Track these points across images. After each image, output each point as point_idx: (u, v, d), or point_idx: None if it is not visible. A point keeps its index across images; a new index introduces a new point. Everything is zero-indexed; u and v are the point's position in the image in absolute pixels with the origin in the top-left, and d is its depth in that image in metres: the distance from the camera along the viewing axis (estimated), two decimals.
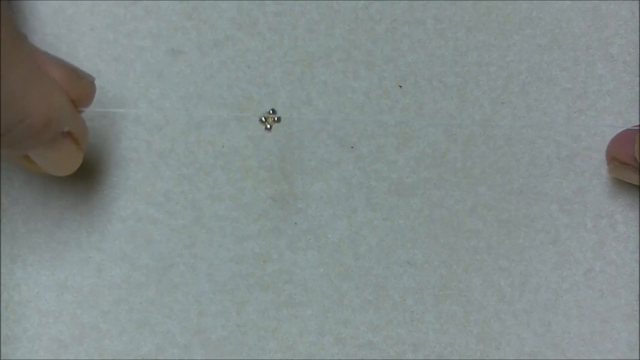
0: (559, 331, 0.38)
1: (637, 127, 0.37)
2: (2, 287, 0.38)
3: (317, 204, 0.39)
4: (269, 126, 0.36)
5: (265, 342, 0.38)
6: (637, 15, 0.40)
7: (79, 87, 0.34)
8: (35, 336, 0.38)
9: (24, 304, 0.38)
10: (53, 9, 0.40)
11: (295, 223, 0.38)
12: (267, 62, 0.39)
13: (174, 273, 0.38)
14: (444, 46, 0.40)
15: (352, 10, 0.40)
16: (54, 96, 0.32)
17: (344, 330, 0.38)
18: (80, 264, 0.38)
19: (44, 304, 0.38)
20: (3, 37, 0.30)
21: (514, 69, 0.39)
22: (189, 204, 0.38)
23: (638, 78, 0.39)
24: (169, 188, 0.38)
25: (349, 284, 0.38)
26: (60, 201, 0.38)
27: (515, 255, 0.38)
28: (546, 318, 0.38)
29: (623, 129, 0.38)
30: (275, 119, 0.36)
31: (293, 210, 0.38)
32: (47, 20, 0.40)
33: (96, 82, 0.34)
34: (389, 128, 0.39)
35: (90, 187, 0.38)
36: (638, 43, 0.40)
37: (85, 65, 0.39)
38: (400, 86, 0.39)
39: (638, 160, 0.36)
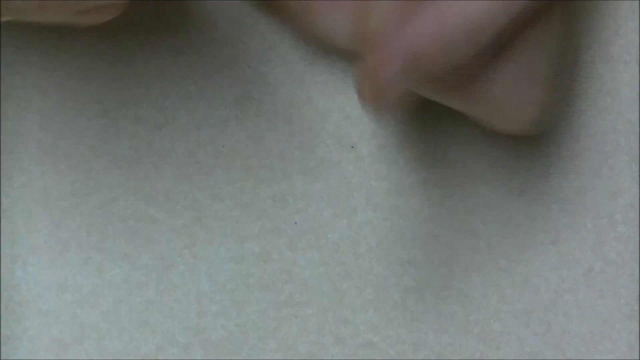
0: (559, 331, 0.38)
1: None
2: (2, 287, 0.38)
3: (317, 204, 0.38)
4: None
5: (265, 342, 0.38)
6: (637, 15, 0.40)
7: None
8: (35, 336, 0.38)
9: (24, 304, 0.38)
10: None
11: (295, 223, 0.38)
12: (267, 62, 0.39)
13: (174, 273, 0.38)
14: None
15: None
16: None
17: (344, 330, 0.38)
18: (80, 264, 0.38)
19: (44, 304, 0.38)
20: None
21: None
22: (189, 204, 0.38)
23: (638, 78, 0.39)
24: (169, 188, 0.38)
25: (349, 284, 0.38)
26: (60, 201, 0.38)
27: (515, 255, 0.38)
28: (546, 318, 0.38)
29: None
30: None
31: (293, 210, 0.38)
32: None
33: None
34: (389, 128, 0.39)
35: (90, 187, 0.38)
36: (638, 43, 0.40)
37: (85, 65, 0.39)
38: None
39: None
